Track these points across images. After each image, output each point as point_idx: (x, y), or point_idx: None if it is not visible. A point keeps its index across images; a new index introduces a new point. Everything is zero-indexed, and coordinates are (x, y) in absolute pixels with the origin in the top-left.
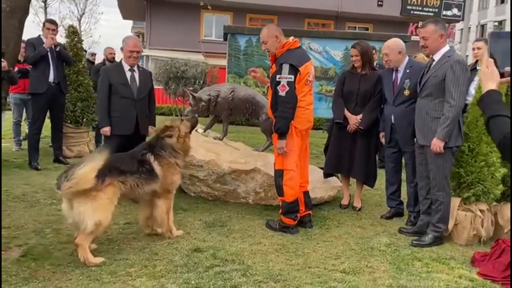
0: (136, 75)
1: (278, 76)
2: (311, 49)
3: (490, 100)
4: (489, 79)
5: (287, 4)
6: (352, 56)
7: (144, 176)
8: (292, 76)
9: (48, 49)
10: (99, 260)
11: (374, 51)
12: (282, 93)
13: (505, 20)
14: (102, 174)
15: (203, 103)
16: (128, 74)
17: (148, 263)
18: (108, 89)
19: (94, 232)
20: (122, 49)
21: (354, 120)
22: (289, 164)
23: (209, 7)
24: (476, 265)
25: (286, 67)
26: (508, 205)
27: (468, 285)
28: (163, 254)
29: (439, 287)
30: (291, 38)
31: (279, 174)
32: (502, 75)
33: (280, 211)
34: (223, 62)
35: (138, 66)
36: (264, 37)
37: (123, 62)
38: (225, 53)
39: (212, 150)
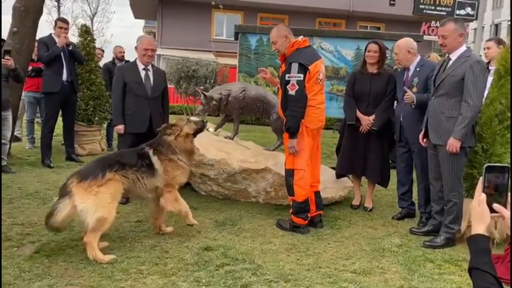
0: (150, 74)
1: (287, 75)
2: (322, 48)
3: (475, 248)
4: (478, 220)
5: (298, 3)
6: (370, 51)
7: (144, 169)
8: (302, 75)
9: (61, 49)
10: (109, 257)
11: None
12: (291, 92)
13: None
14: (103, 168)
15: (214, 102)
16: (143, 73)
17: (159, 261)
18: (122, 88)
19: (100, 228)
20: (136, 48)
21: (367, 121)
22: (300, 163)
23: (220, 6)
24: None
25: (295, 66)
26: None
27: None
28: (174, 252)
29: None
30: (300, 37)
31: (289, 173)
32: (492, 209)
33: (291, 210)
34: (234, 61)
35: (152, 65)
36: (273, 37)
37: (137, 61)
38: (236, 53)
39: (223, 149)
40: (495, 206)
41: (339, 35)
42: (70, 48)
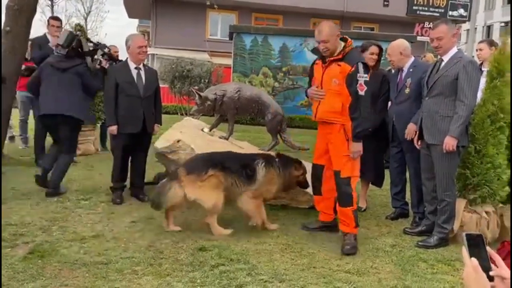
0: (142, 73)
1: (358, 74)
2: None
3: None
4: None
5: (293, 3)
6: (373, 53)
7: (243, 177)
8: (367, 76)
9: (54, 48)
10: (228, 231)
11: None
12: (362, 93)
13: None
14: (205, 166)
15: (209, 102)
16: (134, 73)
17: (154, 262)
18: (115, 88)
19: (215, 212)
20: (129, 47)
21: None
22: (356, 170)
23: (215, 6)
24: None
25: (361, 66)
26: None
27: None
28: (168, 252)
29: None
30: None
31: (347, 181)
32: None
33: (353, 225)
34: (229, 61)
35: (144, 65)
36: (325, 35)
37: (128, 61)
38: (231, 52)
39: (218, 149)
40: (492, 272)
41: None
42: None
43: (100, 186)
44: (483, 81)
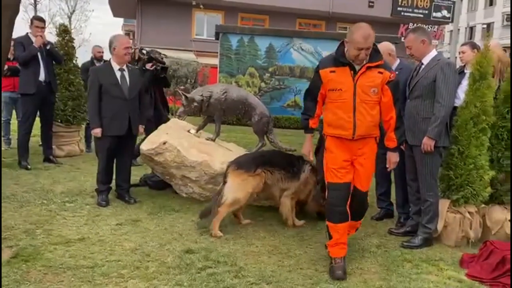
0: (126, 74)
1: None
2: (302, 49)
3: None
4: None
5: (279, 4)
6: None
7: (288, 174)
8: None
9: (38, 49)
10: (219, 234)
11: None
12: None
13: (493, 22)
14: (255, 164)
15: (195, 104)
16: (118, 74)
17: (140, 265)
18: (98, 90)
19: (232, 205)
20: (114, 48)
21: None
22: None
23: (201, 6)
24: (464, 266)
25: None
26: (496, 207)
27: (457, 286)
28: (155, 255)
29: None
30: None
31: (366, 196)
32: None
33: (353, 232)
34: (215, 61)
35: (127, 66)
36: (371, 41)
37: (112, 62)
38: (217, 52)
39: (205, 151)
40: None
41: (319, 37)
42: (48, 48)
43: (86, 188)
44: (465, 83)
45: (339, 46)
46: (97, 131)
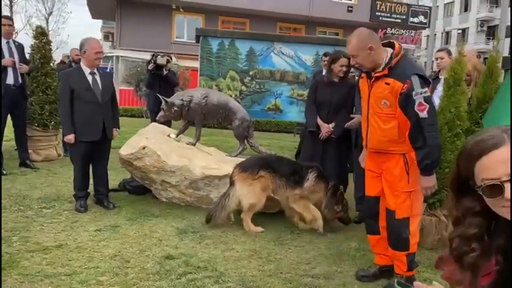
0: (98, 78)
1: (413, 93)
2: (283, 53)
3: None
4: None
5: (259, 7)
6: (342, 65)
7: (290, 182)
8: (427, 89)
9: (7, 50)
10: (259, 229)
11: None
12: (424, 114)
13: (468, 28)
14: (258, 166)
15: (175, 108)
16: (90, 78)
17: (120, 271)
18: (70, 95)
19: (251, 210)
20: (84, 52)
21: (327, 128)
22: (418, 207)
23: (181, 9)
24: (440, 268)
25: (416, 80)
26: None
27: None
28: (134, 261)
29: None
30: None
31: (405, 223)
32: None
33: (405, 268)
34: (195, 64)
35: (98, 69)
36: (351, 49)
37: (82, 66)
38: (197, 55)
39: (185, 155)
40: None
41: (299, 41)
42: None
43: (63, 193)
44: (440, 89)
45: None
46: (70, 137)
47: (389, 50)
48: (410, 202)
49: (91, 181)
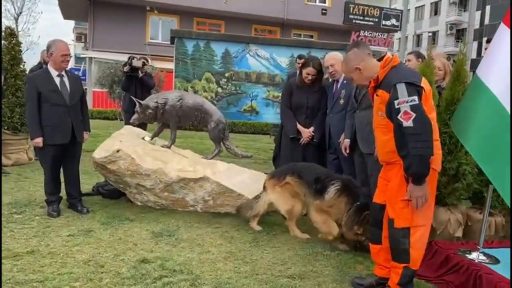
0: (66, 80)
1: (396, 102)
2: (258, 55)
3: None
4: None
5: (235, 9)
6: (309, 74)
7: (312, 190)
8: (416, 97)
9: None
10: (305, 236)
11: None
12: (408, 123)
13: (438, 31)
14: (285, 173)
15: (150, 111)
16: (57, 80)
17: (94, 276)
18: (37, 98)
19: (291, 217)
20: (51, 54)
21: (308, 133)
22: (421, 218)
23: (155, 11)
24: None
25: (401, 88)
26: (440, 209)
27: None
28: (109, 266)
29: None
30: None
31: (404, 233)
32: None
33: (397, 280)
34: (170, 65)
35: (66, 71)
36: (345, 71)
37: (50, 68)
38: (172, 57)
39: (160, 158)
40: None
41: (275, 43)
42: None
43: (35, 198)
44: None
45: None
46: (38, 141)
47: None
48: (408, 211)
49: (63, 185)
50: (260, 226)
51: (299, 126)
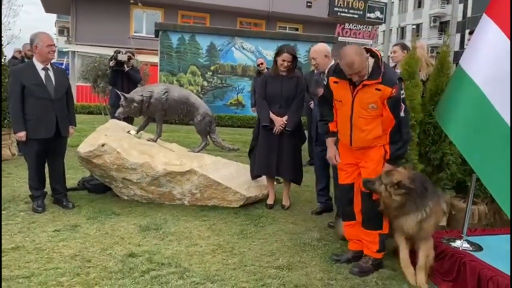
0: (51, 73)
1: (402, 97)
2: (244, 48)
3: None
4: None
5: (219, 2)
6: (284, 61)
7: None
8: (403, 91)
9: None
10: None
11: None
12: (402, 113)
13: (421, 23)
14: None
15: (135, 104)
16: (42, 74)
17: (81, 271)
18: (21, 92)
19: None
20: (36, 47)
21: (280, 121)
22: None
23: (139, 3)
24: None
25: (401, 85)
26: None
27: (391, 274)
28: (96, 261)
29: (366, 277)
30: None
31: (378, 203)
32: None
33: (376, 247)
34: (155, 59)
35: (51, 65)
36: (357, 67)
37: (35, 61)
38: (157, 50)
39: (146, 152)
40: None
41: (260, 36)
42: None
43: (19, 194)
44: None
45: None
46: (21, 135)
47: (371, 59)
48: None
49: (48, 180)
50: (248, 218)
51: (271, 115)
